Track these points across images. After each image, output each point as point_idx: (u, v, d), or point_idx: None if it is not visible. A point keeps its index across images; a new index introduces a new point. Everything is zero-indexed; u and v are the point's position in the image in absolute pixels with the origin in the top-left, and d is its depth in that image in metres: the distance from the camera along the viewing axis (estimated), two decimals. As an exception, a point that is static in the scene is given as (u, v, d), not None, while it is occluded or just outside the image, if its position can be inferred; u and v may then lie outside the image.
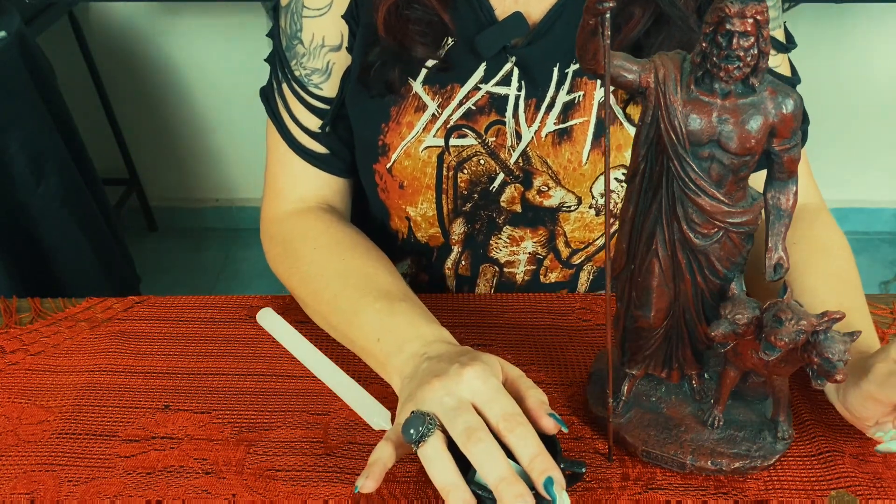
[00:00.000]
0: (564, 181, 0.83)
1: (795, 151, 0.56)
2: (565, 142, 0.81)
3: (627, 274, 0.64)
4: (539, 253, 0.90)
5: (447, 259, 0.92)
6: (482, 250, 0.90)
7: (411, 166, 0.83)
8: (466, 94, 0.81)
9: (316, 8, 0.82)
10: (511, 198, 0.85)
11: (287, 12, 0.84)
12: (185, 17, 2.20)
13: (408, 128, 0.82)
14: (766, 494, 0.65)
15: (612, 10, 0.50)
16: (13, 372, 0.80)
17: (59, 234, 1.71)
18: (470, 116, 0.81)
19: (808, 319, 0.57)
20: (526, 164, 0.83)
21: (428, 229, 0.89)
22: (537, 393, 0.63)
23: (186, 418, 0.74)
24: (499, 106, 0.81)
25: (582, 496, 0.66)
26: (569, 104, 0.80)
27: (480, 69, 0.80)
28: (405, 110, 0.82)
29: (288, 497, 0.67)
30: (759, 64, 0.53)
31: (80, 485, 0.68)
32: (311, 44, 0.84)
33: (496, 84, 0.81)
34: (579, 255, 0.90)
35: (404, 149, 0.82)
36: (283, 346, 0.82)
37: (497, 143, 0.82)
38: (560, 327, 0.83)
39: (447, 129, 0.82)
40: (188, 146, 2.46)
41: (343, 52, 0.84)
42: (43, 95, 1.68)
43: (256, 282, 2.30)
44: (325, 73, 0.84)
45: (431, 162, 0.83)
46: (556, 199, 0.84)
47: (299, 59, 0.85)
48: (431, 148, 0.82)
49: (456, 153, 0.83)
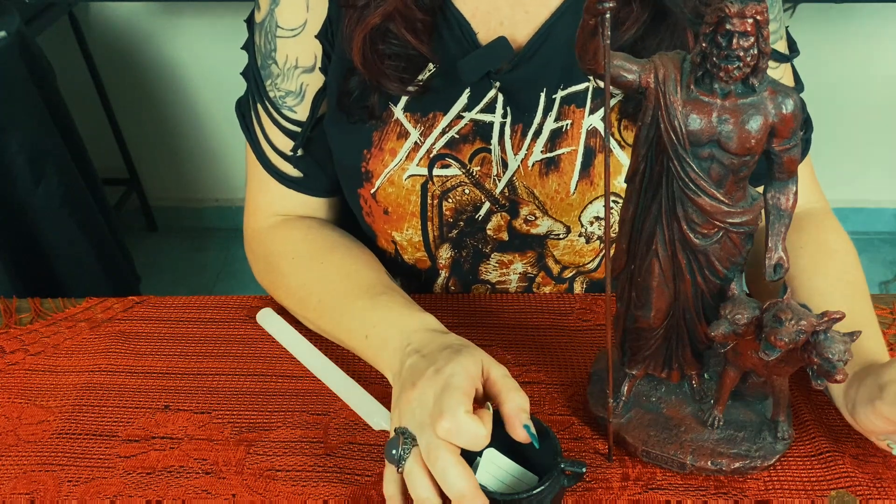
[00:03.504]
0: (552, 211, 0.80)
1: (795, 152, 0.56)
2: (552, 172, 0.79)
3: (627, 274, 0.64)
4: (530, 272, 0.88)
5: (435, 282, 0.91)
6: (471, 276, 0.89)
7: (395, 193, 0.81)
8: (449, 122, 0.78)
9: (290, 28, 0.80)
10: (497, 226, 0.83)
11: (261, 30, 0.82)
12: (185, 17, 2.20)
13: (391, 154, 0.79)
14: (766, 494, 0.65)
15: (612, 10, 0.50)
16: (13, 372, 0.80)
17: (59, 234, 1.71)
18: (453, 145, 0.79)
19: (808, 319, 0.57)
20: (512, 194, 0.81)
21: (414, 253, 0.88)
22: (518, 397, 0.61)
23: (186, 418, 0.74)
24: (483, 133, 0.78)
25: (582, 496, 0.66)
26: (556, 132, 0.78)
27: (464, 96, 0.78)
28: (387, 136, 0.79)
29: (288, 497, 0.67)
30: (759, 64, 0.53)
31: (80, 485, 0.68)
32: (284, 65, 0.81)
33: (480, 111, 0.78)
34: (570, 270, 0.88)
35: (388, 176, 0.80)
36: (283, 346, 0.82)
37: (482, 172, 0.80)
38: (560, 327, 0.83)
39: (430, 158, 0.79)
40: (188, 146, 2.46)
41: (316, 73, 0.81)
42: (43, 95, 1.68)
43: (256, 282, 2.29)
44: (299, 96, 0.82)
45: (415, 190, 0.81)
46: (544, 227, 0.82)
47: (273, 79, 0.82)
48: (415, 177, 0.80)
49: (440, 182, 0.80)
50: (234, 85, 2.39)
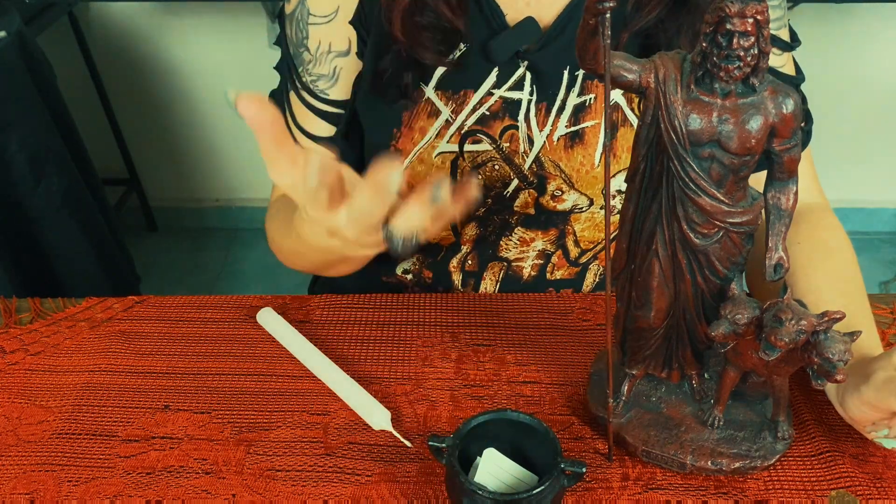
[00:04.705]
0: (577, 184, 0.83)
1: (796, 151, 0.56)
2: (577, 145, 0.81)
3: (627, 274, 0.64)
4: (548, 249, 0.90)
5: (454, 257, 0.93)
6: (491, 250, 0.91)
7: (424, 172, 0.83)
8: (480, 99, 0.81)
9: (322, 15, 0.82)
10: (524, 203, 0.86)
11: (292, 20, 0.84)
12: (185, 17, 2.20)
13: (420, 133, 0.82)
14: (766, 494, 0.65)
15: (612, 10, 0.50)
16: (13, 372, 0.80)
17: (59, 234, 1.70)
18: (484, 122, 0.81)
19: (808, 319, 0.57)
20: (539, 170, 0.83)
21: (440, 231, 0.89)
22: None
23: (186, 418, 0.74)
24: (512, 111, 0.81)
25: (582, 496, 0.66)
26: (580, 107, 0.81)
27: (493, 74, 0.80)
28: (417, 115, 0.82)
29: (288, 497, 0.67)
30: (760, 64, 0.53)
31: (80, 485, 0.68)
32: (317, 50, 0.84)
33: (509, 89, 0.81)
34: (587, 255, 0.91)
35: (417, 154, 0.83)
36: (283, 346, 0.82)
37: (511, 149, 0.83)
38: (560, 327, 0.83)
39: (462, 134, 0.82)
40: (188, 146, 2.46)
41: (352, 58, 0.83)
42: (43, 95, 1.68)
43: (256, 282, 2.30)
44: (332, 79, 0.84)
45: (445, 167, 0.83)
46: (570, 202, 0.85)
47: (305, 65, 0.85)
48: (445, 153, 0.83)
49: (471, 158, 0.83)
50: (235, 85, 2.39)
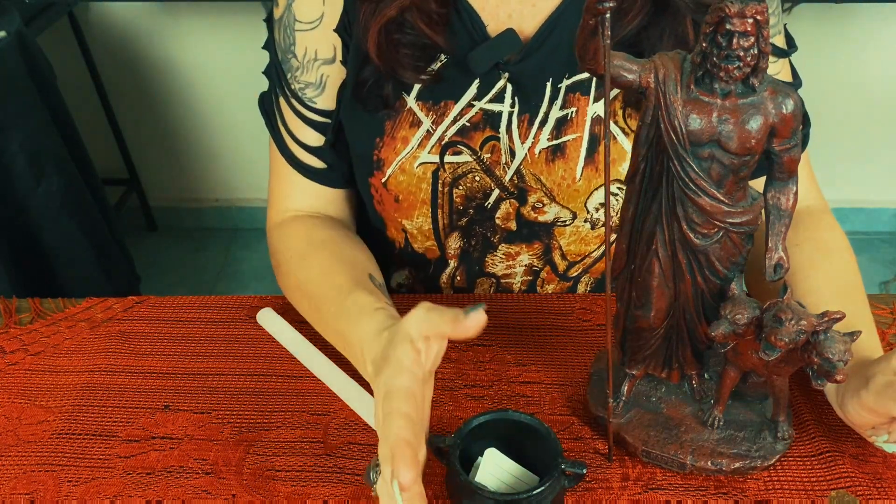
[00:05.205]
0: (559, 197, 0.82)
1: (795, 151, 0.56)
2: (558, 158, 0.80)
3: (627, 274, 0.64)
4: (535, 265, 0.89)
5: (443, 273, 0.92)
6: (478, 266, 0.90)
7: (406, 181, 0.83)
8: (460, 111, 0.80)
9: (307, 21, 0.82)
10: (506, 214, 0.85)
11: (280, 25, 0.84)
12: (185, 17, 2.20)
13: (402, 143, 0.81)
14: (766, 494, 0.65)
15: (612, 10, 0.50)
16: (13, 372, 0.80)
17: (59, 234, 1.70)
18: (465, 133, 0.81)
19: (808, 319, 0.57)
20: (520, 182, 0.82)
21: (424, 242, 0.89)
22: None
23: (186, 418, 0.74)
24: (493, 122, 0.81)
25: (582, 496, 0.66)
26: (561, 120, 0.80)
27: (473, 86, 0.80)
28: (400, 125, 0.81)
29: (288, 497, 0.67)
30: (759, 64, 0.53)
31: (80, 485, 0.68)
32: (304, 57, 0.83)
33: (489, 101, 0.80)
34: (576, 267, 0.90)
35: (399, 164, 0.82)
36: (283, 346, 0.82)
37: (492, 160, 0.82)
38: (560, 327, 0.83)
39: (442, 145, 0.81)
40: (188, 146, 2.46)
41: (337, 65, 0.83)
42: (43, 95, 1.68)
43: (256, 282, 2.30)
44: (319, 87, 0.84)
45: (426, 178, 0.83)
46: (551, 214, 0.84)
47: (293, 72, 0.84)
48: (426, 164, 0.82)
49: (451, 169, 0.82)
50: (235, 85, 2.39)
